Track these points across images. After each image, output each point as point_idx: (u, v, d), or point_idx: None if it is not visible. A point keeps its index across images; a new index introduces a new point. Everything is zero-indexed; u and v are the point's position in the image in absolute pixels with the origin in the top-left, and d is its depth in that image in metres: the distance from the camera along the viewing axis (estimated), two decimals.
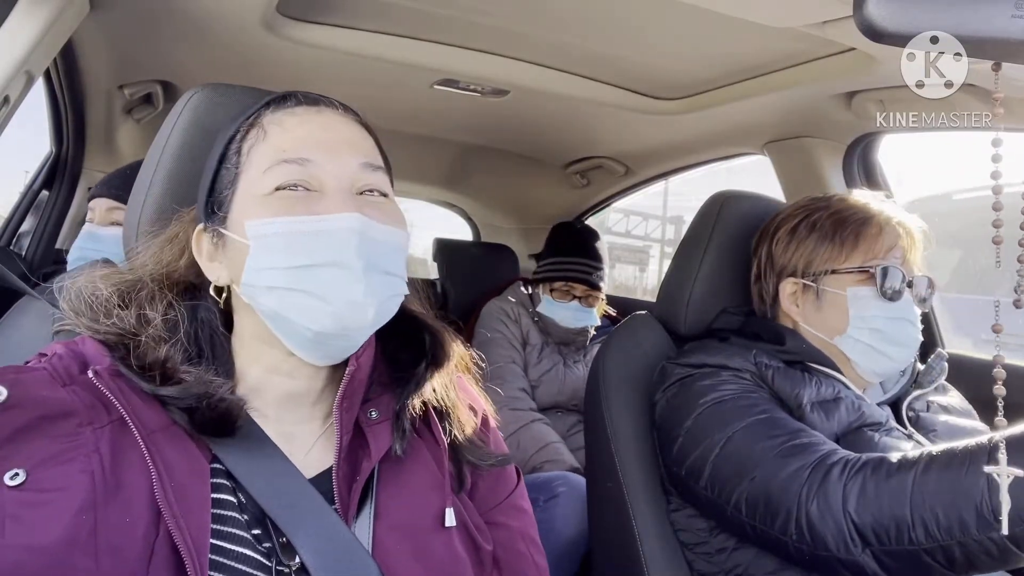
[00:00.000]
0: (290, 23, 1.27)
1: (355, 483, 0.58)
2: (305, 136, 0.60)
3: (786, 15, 0.90)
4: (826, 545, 0.73)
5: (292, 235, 0.56)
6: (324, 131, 0.61)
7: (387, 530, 0.58)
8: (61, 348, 0.57)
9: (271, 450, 0.58)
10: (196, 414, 0.54)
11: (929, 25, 0.44)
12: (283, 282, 0.56)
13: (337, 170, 0.59)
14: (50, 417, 0.50)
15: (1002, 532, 0.62)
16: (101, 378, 0.53)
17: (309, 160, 0.58)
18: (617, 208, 3.65)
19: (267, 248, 0.56)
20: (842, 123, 1.40)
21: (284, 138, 0.60)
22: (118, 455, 0.51)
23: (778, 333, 0.96)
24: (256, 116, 0.63)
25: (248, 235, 0.57)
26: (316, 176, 0.58)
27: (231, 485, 0.56)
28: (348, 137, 0.62)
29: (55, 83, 1.64)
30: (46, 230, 2.05)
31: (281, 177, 0.58)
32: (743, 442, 0.83)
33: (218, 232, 0.61)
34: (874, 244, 0.93)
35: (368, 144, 0.64)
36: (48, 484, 0.48)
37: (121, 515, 0.49)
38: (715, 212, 1.08)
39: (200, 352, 0.60)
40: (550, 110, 1.74)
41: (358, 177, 0.60)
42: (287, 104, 0.63)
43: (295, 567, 0.54)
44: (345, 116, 0.64)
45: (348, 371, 0.59)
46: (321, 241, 0.56)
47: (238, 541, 0.53)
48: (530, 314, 1.95)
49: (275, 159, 0.58)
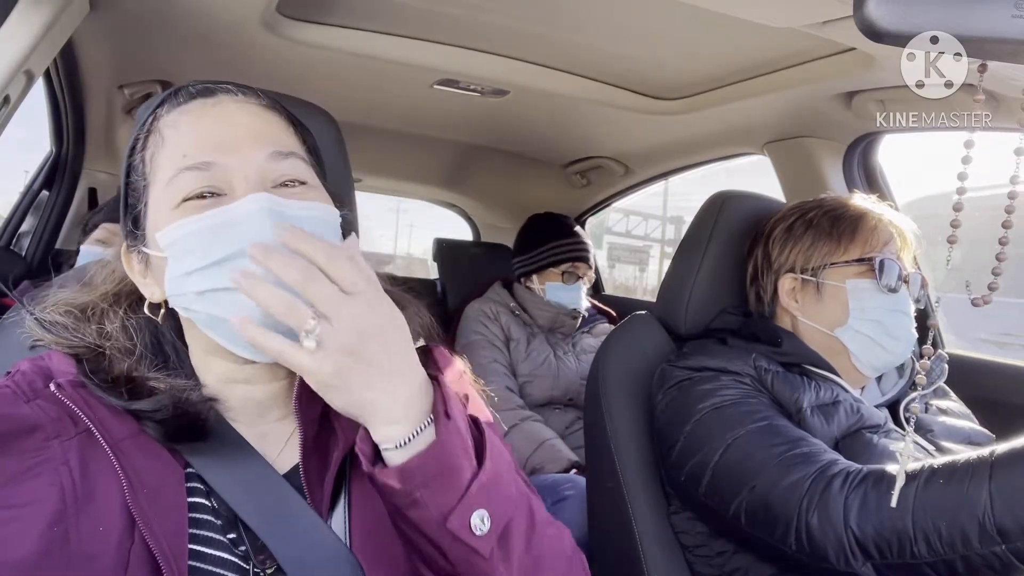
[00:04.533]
0: (290, 23, 1.27)
1: (327, 475, 0.57)
2: (202, 135, 0.56)
3: (786, 15, 0.90)
4: (826, 557, 0.73)
5: (201, 233, 0.52)
6: (222, 126, 0.57)
7: (362, 520, 0.57)
8: (26, 364, 0.56)
9: (244, 450, 0.57)
10: (167, 423, 0.53)
11: (929, 25, 0.44)
12: (205, 284, 0.53)
13: (242, 168, 0.55)
14: (15, 433, 0.50)
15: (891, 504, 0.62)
16: (64, 390, 0.53)
17: (211, 163, 0.54)
18: (617, 208, 3.65)
19: (180, 253, 0.53)
20: (842, 123, 1.40)
21: (181, 142, 0.56)
22: (87, 465, 0.51)
23: (775, 335, 0.96)
24: (153, 120, 0.59)
25: (161, 246, 0.54)
26: (222, 177, 0.54)
27: (204, 489, 0.55)
28: (248, 127, 0.57)
29: (55, 83, 1.64)
30: (46, 230, 2.05)
31: (186, 187, 0.54)
32: (743, 450, 0.82)
33: (138, 251, 0.58)
34: (871, 238, 0.94)
35: (274, 130, 0.59)
36: (17, 500, 0.48)
37: (94, 524, 0.49)
38: (715, 212, 1.08)
39: (166, 360, 0.59)
40: (550, 110, 1.74)
41: (269, 169, 0.56)
42: (179, 100, 0.59)
43: (271, 569, 0.54)
44: (246, 102, 0.59)
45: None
46: (232, 231, 0.52)
47: (215, 545, 0.53)
48: (510, 309, 1.93)
49: (176, 167, 0.55)
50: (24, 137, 1.69)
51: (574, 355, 1.92)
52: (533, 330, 1.91)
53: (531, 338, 1.89)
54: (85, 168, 2.07)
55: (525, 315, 1.93)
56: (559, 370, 1.86)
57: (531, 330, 1.91)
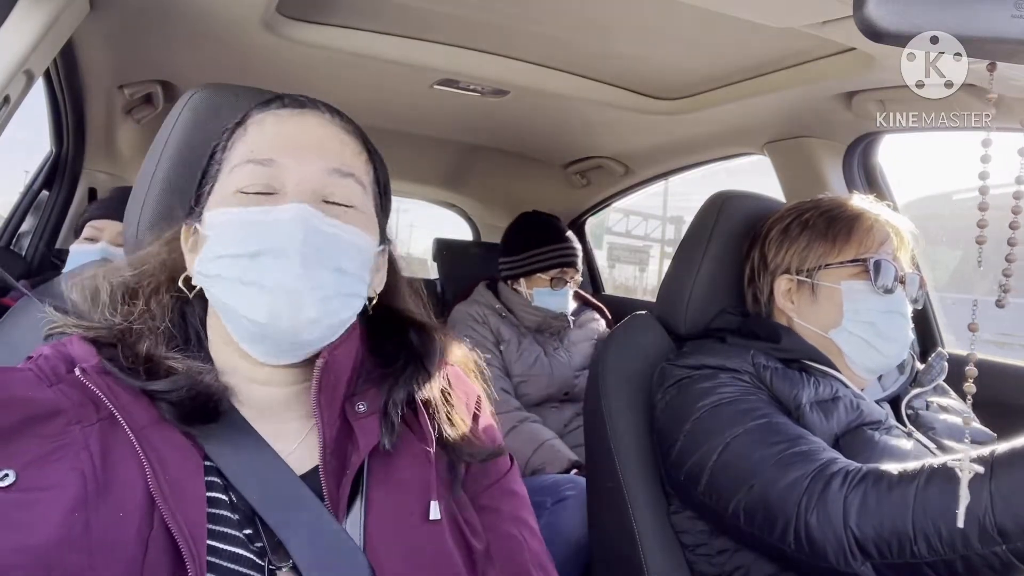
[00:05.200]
0: (290, 23, 1.27)
1: (344, 478, 0.58)
2: (275, 136, 0.60)
3: (786, 15, 0.90)
4: (825, 556, 0.72)
5: (241, 224, 0.56)
6: (295, 132, 0.61)
7: (378, 525, 0.57)
8: (48, 349, 0.57)
9: (261, 446, 0.57)
10: (182, 404, 0.54)
11: (929, 25, 0.44)
12: (230, 271, 0.56)
13: (300, 173, 0.58)
14: (38, 417, 0.51)
15: (959, 525, 0.61)
16: (88, 376, 0.53)
17: (274, 161, 0.58)
18: (617, 208, 3.65)
19: (219, 237, 0.57)
20: (842, 123, 1.40)
21: (257, 138, 0.60)
22: (109, 452, 0.51)
23: (774, 331, 0.96)
24: (245, 116, 0.63)
25: (207, 225, 0.58)
26: (277, 177, 0.58)
27: (222, 484, 0.55)
28: (318, 139, 0.61)
29: (55, 83, 1.64)
30: (46, 230, 2.05)
31: (245, 178, 0.58)
32: (742, 449, 0.82)
33: (194, 227, 0.62)
34: (866, 238, 0.94)
35: (345, 149, 0.62)
36: (38, 484, 0.48)
37: (114, 511, 0.49)
38: (715, 212, 1.08)
39: (187, 341, 0.61)
40: (550, 110, 1.74)
41: (323, 183, 0.59)
42: (273, 106, 0.63)
43: (287, 566, 0.54)
44: (329, 121, 0.63)
45: (319, 363, 0.59)
46: (267, 230, 0.56)
47: (231, 541, 0.53)
48: (496, 310, 1.92)
49: (244, 158, 0.59)
50: (24, 138, 1.69)
51: (564, 349, 1.91)
52: (521, 330, 1.90)
53: (521, 338, 1.88)
54: (85, 168, 2.07)
55: (512, 316, 1.92)
56: (552, 367, 1.85)
57: (519, 330, 1.90)
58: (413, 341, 0.68)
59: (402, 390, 0.63)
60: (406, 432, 0.63)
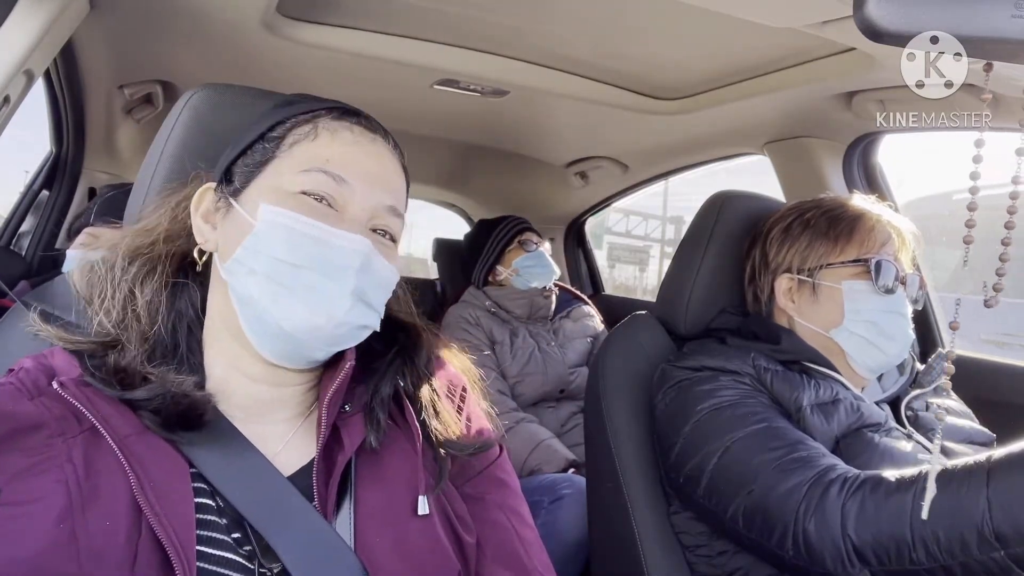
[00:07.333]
0: (290, 23, 1.27)
1: (332, 478, 0.58)
2: (351, 155, 0.61)
3: (786, 15, 0.90)
4: (823, 563, 0.72)
5: (302, 235, 0.57)
6: (371, 159, 0.63)
7: (367, 523, 0.58)
8: (29, 362, 0.57)
9: (247, 450, 0.58)
10: (163, 412, 0.54)
11: (929, 25, 0.44)
12: (272, 272, 0.57)
13: (365, 201, 0.60)
14: (19, 431, 0.50)
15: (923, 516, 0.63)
16: (67, 389, 0.53)
17: (346, 181, 0.60)
18: (617, 208, 3.65)
19: (272, 236, 0.57)
20: (842, 123, 1.40)
21: (333, 149, 0.61)
22: (92, 463, 0.51)
23: (775, 332, 0.96)
24: (314, 115, 0.63)
25: (259, 216, 0.58)
26: (344, 196, 0.60)
27: (208, 489, 0.55)
28: (388, 176, 0.64)
29: (55, 83, 1.64)
30: (46, 230, 2.04)
31: (313, 184, 0.59)
32: (741, 453, 0.82)
33: (226, 199, 0.61)
34: (867, 238, 0.94)
35: (401, 189, 0.65)
36: (22, 497, 0.48)
37: (100, 521, 0.49)
38: (715, 212, 1.08)
39: (176, 346, 0.61)
40: (550, 110, 1.74)
41: (380, 217, 0.62)
42: (348, 118, 0.64)
43: (277, 570, 0.54)
44: (392, 150, 0.66)
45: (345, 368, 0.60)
46: (325, 250, 0.57)
47: (219, 545, 0.53)
48: (487, 309, 1.94)
49: (315, 164, 0.60)
50: (24, 138, 1.69)
51: (557, 344, 1.92)
52: (514, 326, 1.91)
53: (513, 337, 1.89)
54: (85, 168, 2.07)
55: (502, 312, 1.94)
56: (546, 364, 1.86)
57: (512, 327, 1.91)
58: (400, 339, 0.69)
59: (387, 386, 0.64)
60: (392, 427, 0.63)
